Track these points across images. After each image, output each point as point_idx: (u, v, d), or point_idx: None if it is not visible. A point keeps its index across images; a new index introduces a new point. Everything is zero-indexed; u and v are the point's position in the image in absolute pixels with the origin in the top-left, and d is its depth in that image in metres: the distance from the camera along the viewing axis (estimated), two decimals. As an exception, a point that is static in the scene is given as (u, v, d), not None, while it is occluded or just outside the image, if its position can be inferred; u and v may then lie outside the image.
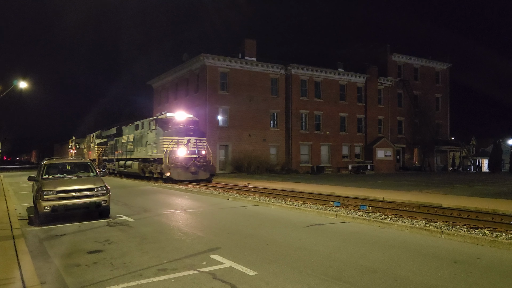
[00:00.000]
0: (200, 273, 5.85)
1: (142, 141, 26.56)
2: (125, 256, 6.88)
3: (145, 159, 26.22)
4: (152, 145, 24.62)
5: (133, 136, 28.38)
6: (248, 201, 14.55)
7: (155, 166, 24.52)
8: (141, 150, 26.67)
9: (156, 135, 24.10)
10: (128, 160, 29.26)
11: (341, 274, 5.76)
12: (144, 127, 26.65)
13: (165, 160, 22.65)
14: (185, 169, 22.63)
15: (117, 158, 31.70)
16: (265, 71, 38.99)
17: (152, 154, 24.65)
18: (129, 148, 29.20)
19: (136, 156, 27.61)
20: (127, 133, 30.15)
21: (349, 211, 11.53)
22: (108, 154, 35.15)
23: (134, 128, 28.49)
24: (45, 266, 6.46)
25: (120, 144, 31.38)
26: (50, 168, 11.84)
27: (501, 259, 6.52)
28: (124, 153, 30.17)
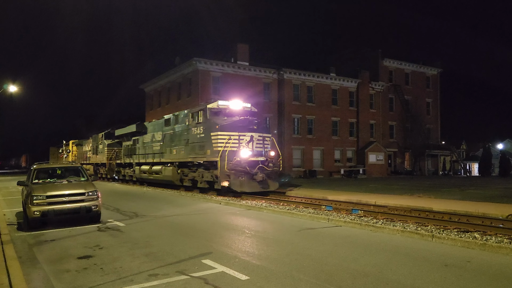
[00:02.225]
0: (192, 278, 5.81)
1: (179, 139, 20.68)
2: (115, 262, 6.82)
3: (184, 163, 20.49)
4: (197, 144, 18.69)
5: (162, 134, 22.87)
6: (240, 206, 14.52)
7: (201, 172, 18.79)
8: (178, 151, 20.64)
9: (205, 130, 18.15)
10: (155, 164, 23.40)
11: (333, 278, 5.76)
12: (181, 121, 20.88)
13: (221, 164, 16.69)
14: (251, 177, 16.74)
15: (138, 162, 25.98)
16: (258, 76, 39.08)
17: (197, 156, 18.61)
18: (156, 149, 23.48)
19: (168, 159, 21.69)
20: (152, 131, 24.69)
21: (341, 215, 11.56)
22: (123, 157, 29.17)
23: (164, 124, 22.97)
24: (34, 272, 6.38)
25: (142, 145, 25.81)
26: (40, 172, 11.72)
27: (490, 262, 6.58)
28: (149, 155, 24.47)
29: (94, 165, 36.00)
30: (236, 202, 15.34)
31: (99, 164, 35.17)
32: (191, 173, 19.85)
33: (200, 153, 18.39)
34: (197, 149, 18.68)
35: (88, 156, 38.33)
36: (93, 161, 36.40)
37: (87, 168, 37.06)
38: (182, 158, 20.25)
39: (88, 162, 37.56)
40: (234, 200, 16.03)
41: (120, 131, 30.09)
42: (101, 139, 33.66)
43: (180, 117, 21.17)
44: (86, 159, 39.07)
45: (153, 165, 23.61)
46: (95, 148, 35.58)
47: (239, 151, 17.03)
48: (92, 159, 36.64)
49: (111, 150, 31.58)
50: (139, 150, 26.33)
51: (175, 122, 21.58)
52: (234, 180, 16.55)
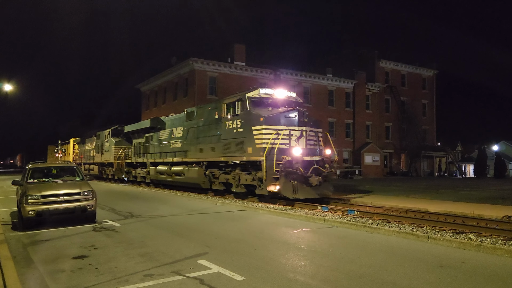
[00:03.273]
0: (187, 278, 5.79)
1: (207, 135, 17.84)
2: (111, 262, 6.79)
3: (214, 163, 17.45)
4: (233, 141, 15.74)
5: (184, 130, 20.14)
6: (236, 206, 14.50)
7: (237, 174, 15.86)
8: (206, 149, 17.77)
9: (244, 124, 15.25)
10: (175, 164, 20.49)
11: (328, 279, 5.76)
12: (208, 114, 17.97)
13: (267, 165, 13.74)
14: (304, 181, 13.92)
15: (154, 162, 23.23)
16: (254, 76, 39.10)
17: (233, 154, 15.73)
18: (176, 147, 20.69)
19: (194, 158, 18.72)
20: (170, 126, 22.00)
21: (336, 216, 11.56)
22: (134, 156, 26.57)
23: (185, 118, 20.16)
24: (28, 272, 6.34)
25: (157, 142, 23.18)
26: (35, 172, 11.66)
27: (485, 263, 6.60)
28: (167, 154, 21.63)
29: (99, 165, 33.48)
30: (232, 203, 15.30)
31: (105, 164, 32.21)
32: (223, 175, 16.81)
33: (238, 151, 15.37)
34: (233, 147, 15.69)
35: (91, 155, 35.53)
36: (98, 161, 33.57)
37: (90, 168, 34.95)
38: (212, 157, 17.18)
39: (92, 161, 35.18)
40: (230, 201, 16.00)
41: (130, 128, 27.57)
42: (107, 136, 30.73)
43: (207, 110, 18.26)
44: (89, 158, 36.34)
45: (173, 165, 20.70)
46: (100, 146, 32.77)
47: (290, 148, 14.09)
48: (97, 158, 33.73)
49: (119, 148, 28.85)
50: (154, 148, 23.62)
51: (201, 116, 18.66)
52: (285, 184, 13.54)
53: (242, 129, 15.37)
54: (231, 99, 16.38)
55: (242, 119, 15.44)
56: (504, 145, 65.17)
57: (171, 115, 23.92)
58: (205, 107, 18.84)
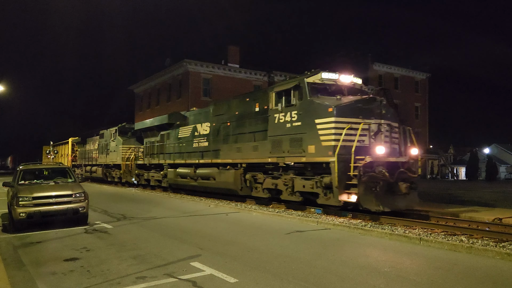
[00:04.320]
0: (180, 281, 5.77)
1: (245, 131, 15.09)
2: (103, 264, 6.74)
3: (256, 165, 14.74)
4: (286, 137, 12.80)
5: (212, 126, 17.37)
6: (229, 208, 14.48)
7: (290, 179, 12.91)
8: (245, 149, 14.92)
9: (303, 115, 12.24)
10: (202, 166, 17.86)
11: (322, 281, 5.77)
12: (246, 106, 15.28)
13: (340, 167, 10.81)
14: (389, 188, 10.89)
15: (173, 164, 20.45)
16: (248, 78, 39.15)
17: (288, 154, 12.76)
18: (202, 146, 17.94)
19: (228, 159, 15.93)
20: (193, 122, 19.26)
21: (329, 218, 11.58)
22: (146, 157, 23.85)
23: (213, 112, 17.44)
24: (19, 274, 6.27)
25: (176, 141, 20.39)
26: (27, 173, 11.56)
27: (477, 266, 6.65)
28: (191, 154, 18.82)
29: (103, 167, 30.36)
30: (225, 205, 15.27)
31: (110, 166, 29.27)
32: (269, 180, 13.96)
33: (294, 151, 12.53)
34: (285, 145, 12.85)
35: (93, 157, 32.54)
36: (102, 162, 30.46)
37: (93, 170, 32.29)
38: (255, 158, 14.36)
39: (95, 163, 32.19)
40: (223, 203, 15.96)
41: (142, 125, 24.93)
42: (113, 135, 28.13)
43: (244, 102, 15.50)
44: (90, 159, 33.34)
45: (199, 167, 18.07)
46: (103, 146, 30.03)
47: (369, 147, 11.35)
48: (101, 159, 30.67)
49: (127, 148, 26.34)
50: (172, 147, 20.81)
51: (235, 109, 15.93)
52: (366, 192, 10.46)
53: (299, 123, 12.44)
54: (283, 86, 13.37)
55: (299, 111, 12.47)
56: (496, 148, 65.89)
57: (193, 109, 21.21)
58: (241, 98, 16.16)
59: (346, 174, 10.92)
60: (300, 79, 12.78)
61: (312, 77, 12.71)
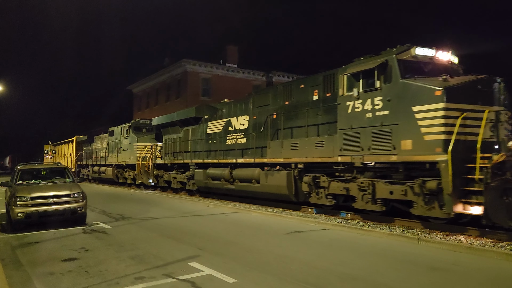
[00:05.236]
0: (179, 281, 5.75)
1: (301, 124, 12.63)
2: (101, 264, 6.71)
3: (317, 165, 12.14)
4: (367, 131, 10.40)
5: (252, 119, 15.12)
6: (228, 208, 14.47)
7: (371, 183, 10.37)
8: (301, 145, 12.38)
9: (394, 102, 9.86)
10: (241, 166, 15.37)
11: (321, 281, 5.76)
12: (300, 95, 12.99)
13: (453, 168, 8.51)
14: None
15: (202, 163, 17.87)
16: (247, 78, 39.12)
17: (369, 152, 10.33)
18: (240, 142, 15.69)
19: (278, 157, 13.28)
20: (226, 115, 16.83)
21: (328, 218, 11.58)
22: (166, 156, 21.24)
23: (253, 103, 15.20)
24: (17, 274, 6.24)
25: (204, 138, 17.96)
26: (25, 173, 11.53)
27: (477, 266, 6.65)
28: (224, 153, 16.51)
29: (114, 167, 27.99)
30: (225, 205, 15.27)
31: (122, 166, 26.94)
32: (337, 184, 11.43)
33: (379, 147, 10.03)
34: (365, 140, 10.33)
35: (102, 156, 30.16)
36: (112, 162, 28.09)
37: (102, 170, 30.23)
38: (319, 156, 11.73)
39: (104, 163, 29.85)
40: (222, 202, 15.95)
41: (162, 120, 22.52)
42: (127, 132, 25.94)
43: (298, 89, 13.14)
44: (99, 159, 30.89)
45: (236, 167, 15.70)
46: (114, 144, 27.83)
47: (495, 142, 9.00)
48: (111, 159, 28.39)
49: (142, 146, 23.93)
50: (199, 144, 18.46)
51: (285, 98, 13.67)
52: (496, 202, 8.05)
53: (386, 112, 9.96)
54: (361, 66, 10.73)
55: (387, 96, 10.00)
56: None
57: (225, 100, 18.38)
58: (292, 85, 13.62)
59: (463, 177, 8.64)
60: (388, 56, 10.21)
61: (403, 53, 10.24)
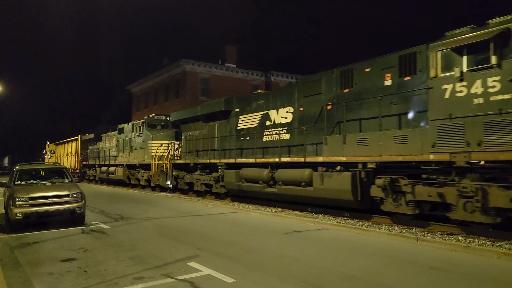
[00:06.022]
0: (178, 281, 5.74)
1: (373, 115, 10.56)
2: (100, 265, 6.70)
3: (396, 165, 9.98)
4: (482, 120, 8.07)
5: (296, 111, 13.15)
6: (227, 208, 14.46)
7: (480, 188, 8.15)
8: (373, 140, 10.17)
9: None
10: (284, 166, 13.22)
11: (321, 281, 5.75)
12: (366, 80, 10.98)
13: None
14: None
15: (233, 163, 15.62)
16: (246, 78, 39.12)
17: (493, 144, 7.90)
18: (283, 138, 13.50)
19: (339, 156, 11.01)
20: (262, 108, 14.70)
21: (327, 217, 11.58)
22: (187, 155, 19.14)
23: (299, 92, 13.12)
24: (15, 275, 6.23)
25: (235, 134, 15.96)
26: (23, 173, 11.50)
27: (476, 265, 6.66)
28: (263, 151, 14.40)
29: (125, 168, 26.06)
30: (223, 205, 15.27)
31: (135, 166, 24.91)
32: (424, 188, 9.30)
33: (495, 141, 7.92)
34: (472, 132, 8.22)
35: (110, 155, 28.44)
36: (123, 161, 26.20)
37: (110, 171, 28.04)
38: (400, 153, 9.48)
39: (114, 163, 27.93)
40: (221, 203, 15.95)
41: (182, 115, 20.36)
42: (140, 128, 23.90)
43: (361, 73, 11.10)
44: (107, 159, 28.98)
45: (279, 167, 13.43)
46: (125, 143, 25.95)
47: None
48: (121, 158, 26.47)
49: (158, 144, 21.95)
50: (228, 142, 16.45)
51: (342, 84, 11.59)
52: None
53: (508, 96, 7.84)
54: (467, 39, 8.41)
55: (509, 75, 7.85)
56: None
57: (259, 91, 16.61)
58: (354, 69, 11.36)
59: None
60: (510, 24, 7.89)
61: None
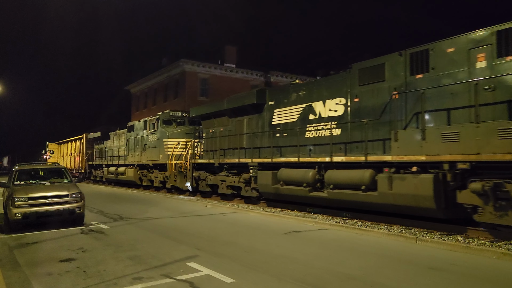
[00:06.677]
0: (177, 281, 5.74)
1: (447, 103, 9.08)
2: (99, 265, 6.70)
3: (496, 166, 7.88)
4: None
5: (351, 102, 11.45)
6: (227, 208, 14.46)
7: None
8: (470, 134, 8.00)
9: None
10: (336, 166, 11.28)
11: (320, 281, 5.76)
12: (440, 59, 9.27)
13: None
14: None
15: (269, 163, 13.69)
16: (245, 78, 39.11)
17: None
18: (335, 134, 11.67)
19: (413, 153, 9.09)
20: (304, 100, 12.91)
21: (327, 218, 11.59)
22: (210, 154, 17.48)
23: (353, 82, 11.37)
24: (14, 275, 6.22)
25: (268, 130, 14.22)
26: (22, 174, 11.49)
27: (475, 265, 6.67)
28: (310, 149, 12.52)
29: (136, 168, 24.20)
30: (223, 205, 15.28)
31: (148, 167, 22.98)
32: None
33: None
34: None
35: (120, 155, 26.68)
36: (134, 161, 24.41)
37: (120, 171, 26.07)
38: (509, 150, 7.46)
39: (124, 162, 25.99)
40: (221, 203, 15.96)
41: (205, 110, 18.59)
42: (153, 126, 22.12)
43: (443, 53, 9.23)
44: (116, 159, 27.36)
45: (328, 167, 11.45)
46: (137, 141, 24.20)
47: None
48: (132, 158, 24.73)
49: (175, 143, 20.00)
50: (259, 139, 14.63)
51: (413, 68, 9.88)
52: None
53: None
54: None
55: None
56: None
57: (296, 81, 15.09)
58: (431, 49, 9.44)
59: None
60: None
61: None
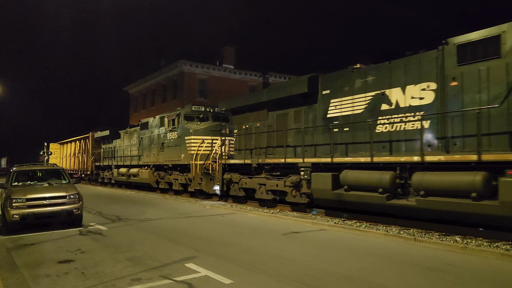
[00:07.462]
0: (176, 283, 5.74)
1: None
2: (97, 266, 6.69)
3: None
4: None
5: (444, 87, 9.08)
6: (225, 209, 14.46)
7: None
8: None
9: None
10: (432, 168, 8.96)
11: (318, 282, 5.76)
12: None
13: None
14: None
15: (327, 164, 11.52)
16: (243, 79, 39.13)
17: None
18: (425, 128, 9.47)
19: None
20: (372, 87, 11.06)
21: (325, 218, 11.59)
22: (243, 152, 15.45)
23: (449, 61, 8.95)
24: (12, 276, 6.21)
25: (318, 125, 12.28)
26: (20, 175, 11.48)
27: (472, 266, 6.67)
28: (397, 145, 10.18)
29: (152, 169, 21.90)
30: (221, 206, 15.27)
31: (166, 168, 20.64)
32: None
33: None
34: None
35: (132, 155, 24.62)
36: (150, 162, 22.05)
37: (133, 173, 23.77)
38: None
39: (137, 163, 23.78)
40: (219, 204, 15.95)
41: (238, 102, 16.13)
42: (172, 123, 19.76)
43: None
44: (127, 159, 25.30)
45: (415, 169, 9.37)
46: (152, 139, 21.99)
47: None
48: (147, 158, 22.44)
49: (199, 141, 17.76)
50: (310, 135, 12.59)
51: None
52: None
53: None
54: None
55: None
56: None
57: (357, 66, 12.04)
58: None
59: None
60: None
61: None
